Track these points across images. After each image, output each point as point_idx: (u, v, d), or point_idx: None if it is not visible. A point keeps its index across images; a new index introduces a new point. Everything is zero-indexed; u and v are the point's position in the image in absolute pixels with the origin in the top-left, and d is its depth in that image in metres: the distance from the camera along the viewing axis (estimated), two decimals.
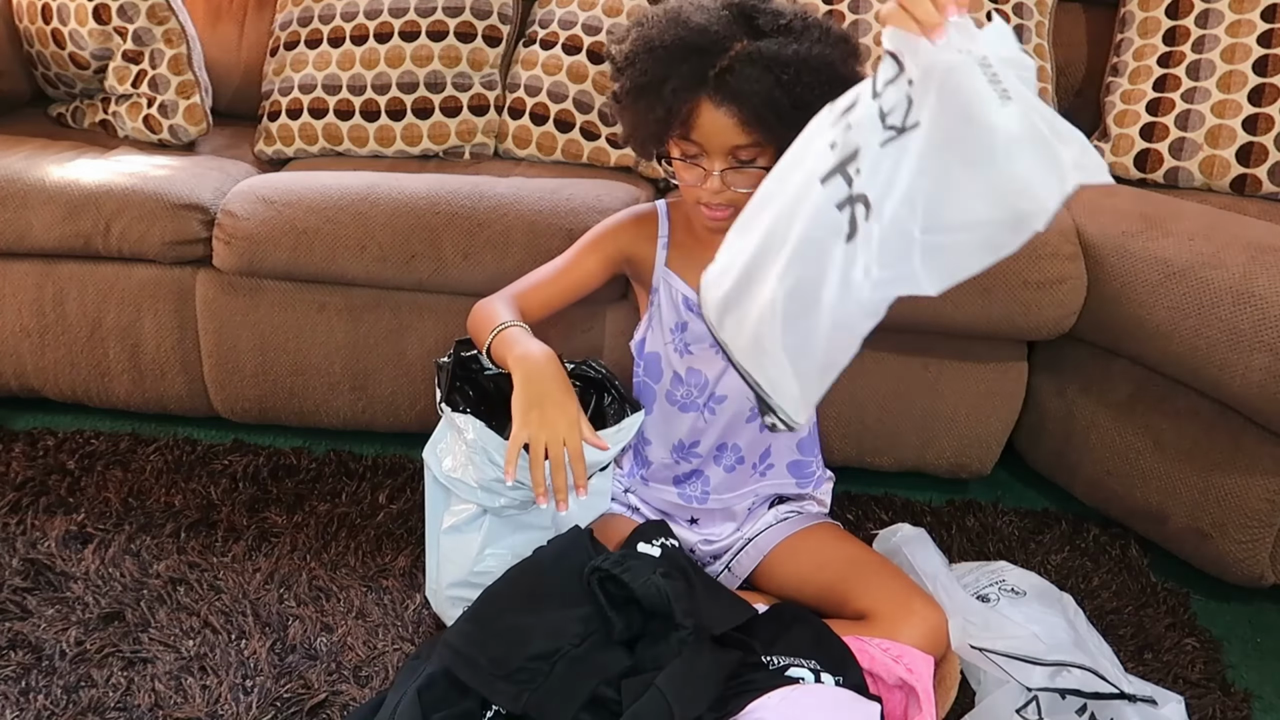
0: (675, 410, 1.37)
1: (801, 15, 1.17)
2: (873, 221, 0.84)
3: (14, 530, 1.54)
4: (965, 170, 0.80)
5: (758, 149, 1.16)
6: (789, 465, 1.41)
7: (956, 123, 0.80)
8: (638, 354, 1.39)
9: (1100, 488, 1.58)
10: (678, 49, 1.13)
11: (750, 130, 1.13)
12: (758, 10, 1.16)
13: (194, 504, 1.60)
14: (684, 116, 1.15)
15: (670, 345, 1.34)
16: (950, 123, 0.80)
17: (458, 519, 1.30)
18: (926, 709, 1.12)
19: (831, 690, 1.12)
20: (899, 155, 0.83)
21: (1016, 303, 1.47)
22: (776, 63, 1.10)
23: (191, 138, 1.89)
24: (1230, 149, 1.63)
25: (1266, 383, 1.32)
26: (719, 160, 1.17)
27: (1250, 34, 1.64)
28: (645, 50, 1.16)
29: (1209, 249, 1.41)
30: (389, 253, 1.57)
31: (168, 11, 1.84)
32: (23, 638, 1.34)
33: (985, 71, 0.78)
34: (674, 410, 1.37)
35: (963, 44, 0.80)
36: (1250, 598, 1.51)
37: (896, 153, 0.83)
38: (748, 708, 1.08)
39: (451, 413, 1.26)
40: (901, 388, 1.59)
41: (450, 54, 1.86)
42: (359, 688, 1.28)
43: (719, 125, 1.14)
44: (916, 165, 0.82)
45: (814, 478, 1.44)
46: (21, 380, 1.79)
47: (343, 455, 1.73)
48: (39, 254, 1.69)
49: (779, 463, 1.40)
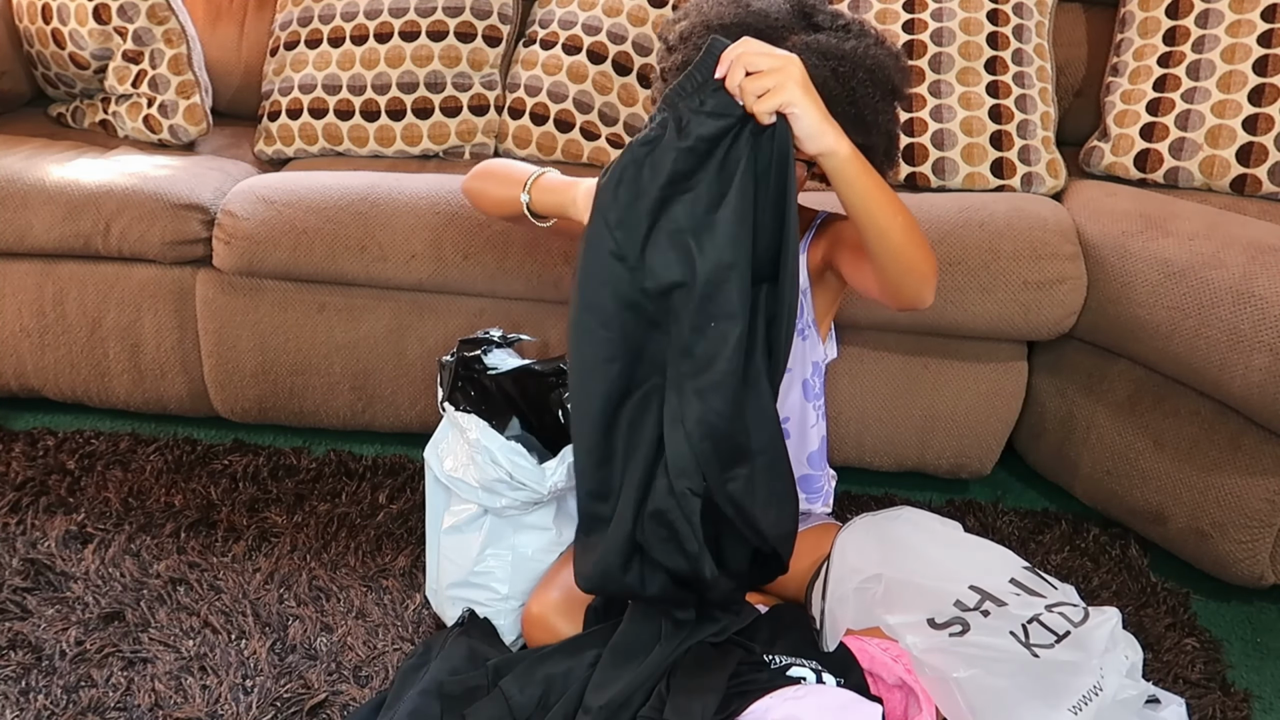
0: None
1: (859, 20, 1.19)
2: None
3: (14, 530, 1.54)
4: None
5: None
6: (800, 480, 1.39)
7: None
8: None
9: (1100, 488, 1.58)
10: (736, 30, 1.13)
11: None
12: (817, 9, 1.18)
13: (194, 504, 1.60)
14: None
15: None
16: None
17: (458, 519, 1.30)
18: (927, 709, 1.12)
19: (833, 691, 1.12)
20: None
21: (1016, 303, 1.47)
22: (833, 55, 1.11)
23: (191, 138, 1.89)
24: (1230, 149, 1.63)
25: (1266, 383, 1.32)
26: None
27: (1250, 34, 1.64)
28: (703, 28, 1.16)
29: (1209, 249, 1.41)
30: (389, 253, 1.57)
31: (168, 11, 1.84)
32: (23, 638, 1.34)
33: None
34: None
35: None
36: (1250, 598, 1.51)
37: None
38: (750, 708, 1.08)
39: (454, 412, 1.26)
40: (901, 388, 1.59)
41: (450, 54, 1.86)
42: (359, 688, 1.28)
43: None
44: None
45: (822, 492, 1.42)
46: (21, 380, 1.79)
47: (343, 455, 1.73)
48: (39, 254, 1.69)
49: None
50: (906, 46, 1.72)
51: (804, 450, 1.38)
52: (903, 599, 1.18)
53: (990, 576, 1.21)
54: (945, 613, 1.15)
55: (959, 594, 1.18)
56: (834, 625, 1.21)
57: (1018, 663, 1.09)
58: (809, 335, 1.32)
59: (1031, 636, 1.12)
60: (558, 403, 1.37)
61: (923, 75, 1.71)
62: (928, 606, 1.16)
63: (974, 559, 1.25)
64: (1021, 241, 1.47)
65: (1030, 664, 1.09)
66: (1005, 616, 1.14)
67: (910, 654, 1.13)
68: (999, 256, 1.46)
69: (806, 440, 1.37)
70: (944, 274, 1.47)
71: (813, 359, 1.33)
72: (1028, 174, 1.68)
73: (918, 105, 1.70)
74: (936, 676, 1.11)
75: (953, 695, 1.09)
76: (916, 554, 1.25)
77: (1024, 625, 1.13)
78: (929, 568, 1.23)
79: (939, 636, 1.13)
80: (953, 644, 1.11)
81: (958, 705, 1.09)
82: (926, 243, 1.09)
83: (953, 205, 1.54)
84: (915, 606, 1.17)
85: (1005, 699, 1.07)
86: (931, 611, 1.16)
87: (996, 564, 1.24)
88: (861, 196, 1.04)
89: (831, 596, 1.22)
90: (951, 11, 1.74)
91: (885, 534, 1.28)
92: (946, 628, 1.14)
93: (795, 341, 1.31)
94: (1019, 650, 1.10)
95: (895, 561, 1.23)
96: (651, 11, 1.82)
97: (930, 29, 1.73)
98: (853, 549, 1.25)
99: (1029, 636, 1.12)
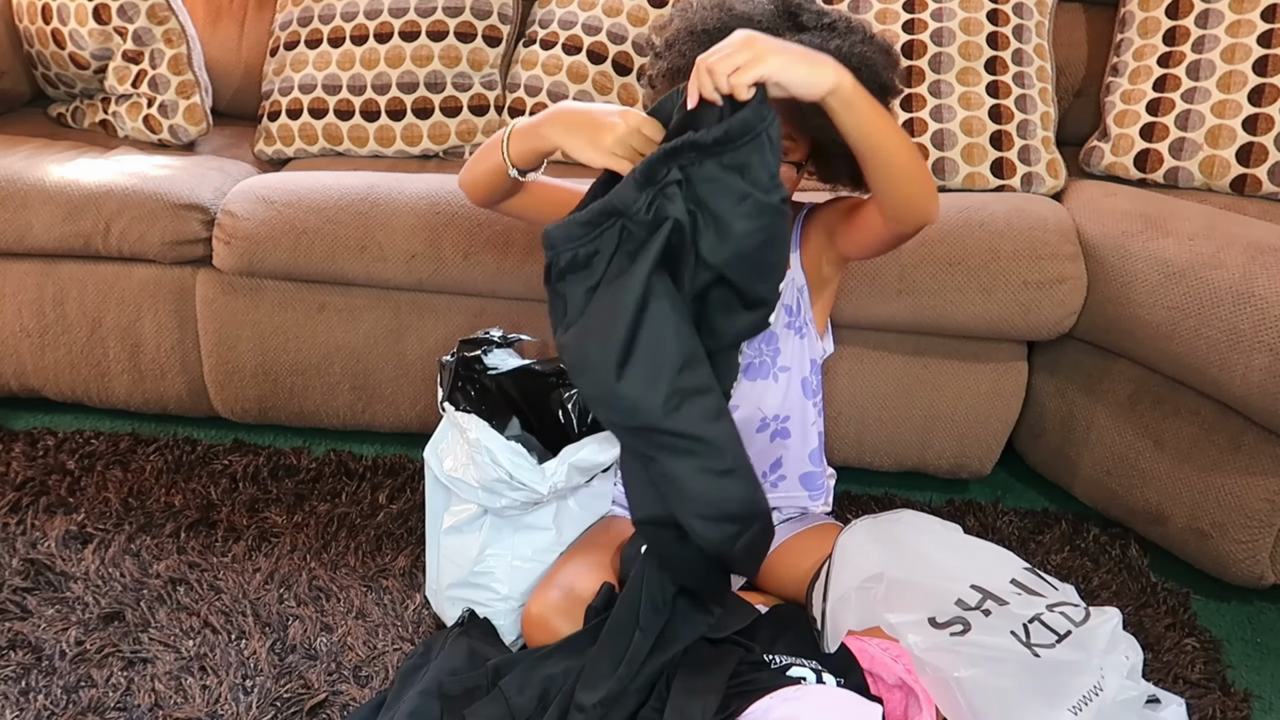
0: None
1: (845, 17, 1.18)
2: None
3: (14, 530, 1.54)
4: None
5: (790, 142, 1.16)
6: (801, 477, 1.40)
7: None
8: None
9: (1100, 488, 1.58)
10: (720, 35, 1.12)
11: (784, 121, 1.13)
12: (802, 7, 1.17)
13: (194, 504, 1.60)
14: None
15: None
16: None
17: (458, 519, 1.30)
18: (927, 709, 1.12)
19: (834, 691, 1.12)
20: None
21: (1016, 303, 1.47)
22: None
23: (191, 138, 1.89)
24: (1230, 149, 1.63)
25: (1266, 383, 1.32)
26: None
27: (1250, 34, 1.64)
28: (687, 34, 1.17)
29: (1209, 249, 1.41)
30: (389, 253, 1.57)
31: (168, 11, 1.84)
32: (23, 638, 1.34)
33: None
34: None
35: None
36: (1250, 598, 1.51)
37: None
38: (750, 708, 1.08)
39: (454, 412, 1.26)
40: (901, 388, 1.59)
41: (450, 54, 1.86)
42: (359, 688, 1.28)
43: None
44: None
45: (823, 489, 1.42)
46: (21, 380, 1.79)
47: (343, 455, 1.73)
48: (39, 254, 1.69)
49: (791, 474, 1.39)
50: (906, 46, 1.72)
51: (805, 448, 1.38)
52: (904, 598, 1.18)
53: (991, 576, 1.21)
54: (947, 612, 1.15)
55: (960, 593, 1.18)
56: (835, 626, 1.21)
57: (1019, 662, 1.09)
58: (806, 332, 1.32)
59: (1032, 636, 1.12)
60: (558, 403, 1.37)
61: (922, 75, 1.71)
62: (929, 606, 1.16)
63: (975, 559, 1.25)
64: (1021, 241, 1.47)
65: (1031, 664, 1.09)
66: (1006, 616, 1.14)
67: (911, 653, 1.13)
68: (999, 256, 1.47)
69: (808, 438, 1.37)
70: (944, 274, 1.47)
71: (810, 356, 1.33)
72: (1028, 174, 1.68)
73: (918, 105, 1.70)
74: (938, 676, 1.11)
75: (953, 695, 1.09)
76: (918, 554, 1.25)
77: (1025, 625, 1.13)
78: (930, 567, 1.23)
79: (940, 636, 1.13)
80: (954, 643, 1.11)
81: (958, 705, 1.09)
82: (924, 162, 1.10)
83: (953, 205, 1.53)
84: (917, 605, 1.17)
85: (1006, 699, 1.07)
86: (933, 610, 1.16)
87: (997, 564, 1.24)
88: (871, 126, 1.03)
89: (833, 597, 1.22)
90: (951, 11, 1.74)
91: (886, 535, 1.28)
92: (948, 627, 1.14)
93: (793, 339, 1.32)
94: (1020, 650, 1.10)
95: (897, 561, 1.23)
96: (651, 11, 1.83)
97: (930, 29, 1.73)
98: (854, 550, 1.25)
99: (1030, 636, 1.12)
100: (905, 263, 1.46)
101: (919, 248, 1.46)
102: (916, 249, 1.46)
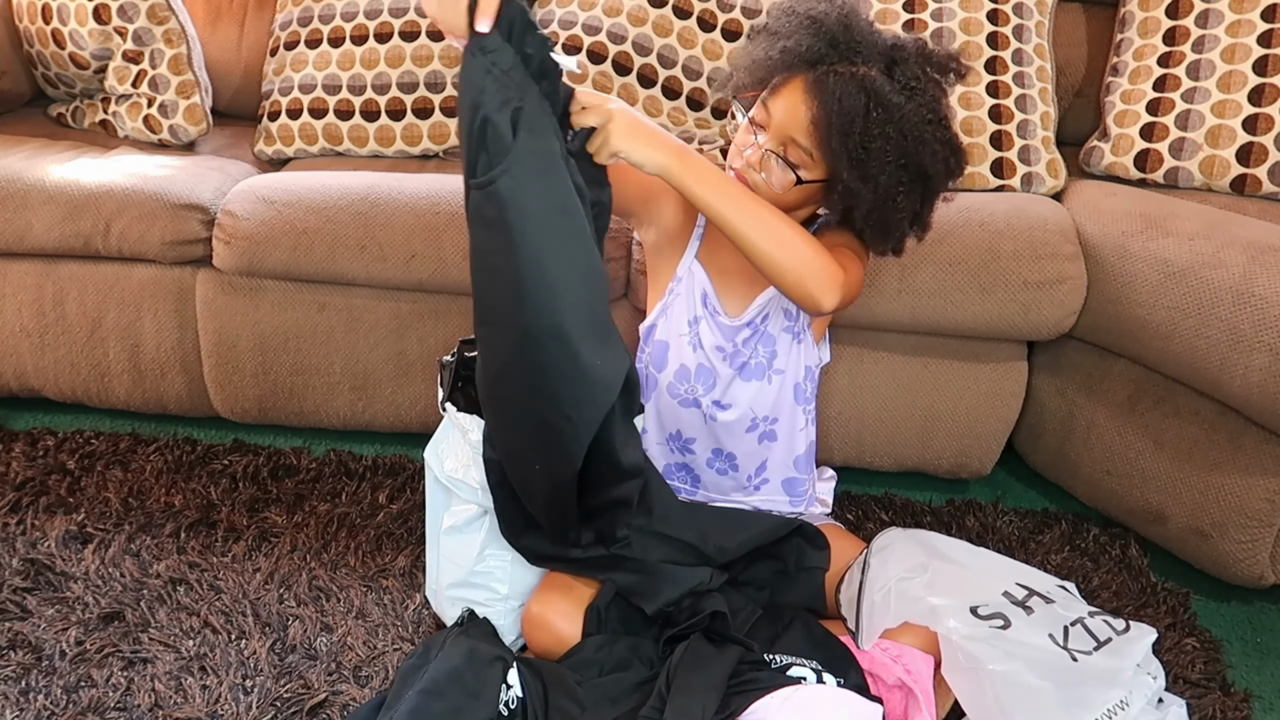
0: (675, 404, 1.37)
1: (936, 99, 1.19)
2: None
3: (14, 530, 1.54)
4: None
5: (808, 156, 1.18)
6: (784, 482, 1.41)
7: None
8: (644, 339, 1.38)
9: (1100, 488, 1.58)
10: (820, 30, 1.18)
11: (814, 132, 1.16)
12: (903, 66, 1.18)
13: (194, 504, 1.60)
14: (776, 81, 1.20)
15: (684, 339, 1.34)
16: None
17: (458, 519, 1.30)
18: (927, 709, 1.12)
19: (834, 691, 1.12)
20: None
21: (1016, 303, 1.47)
22: (878, 99, 1.13)
23: (191, 138, 1.89)
24: (1230, 149, 1.63)
25: (1266, 383, 1.32)
26: (773, 141, 1.20)
27: (1250, 34, 1.64)
28: (798, 13, 1.21)
29: (1209, 249, 1.41)
30: (389, 253, 1.57)
31: (168, 11, 1.84)
32: (23, 638, 1.34)
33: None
34: (674, 404, 1.37)
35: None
36: (1250, 598, 1.51)
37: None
38: (750, 708, 1.08)
39: (455, 412, 1.26)
40: (901, 388, 1.59)
41: (450, 54, 1.86)
42: (359, 688, 1.28)
43: (792, 109, 1.17)
44: None
45: (806, 496, 1.43)
46: (21, 380, 1.79)
47: (343, 455, 1.73)
48: (39, 254, 1.69)
49: (774, 478, 1.40)
50: None
51: (791, 454, 1.38)
52: (949, 584, 1.20)
53: (1035, 577, 1.24)
54: (990, 604, 1.17)
55: (1006, 587, 1.19)
56: (872, 623, 1.21)
57: (1054, 664, 1.09)
58: (804, 338, 1.32)
59: (1071, 640, 1.12)
60: None
61: None
62: (973, 595, 1.18)
63: (1016, 565, 1.28)
64: (1021, 241, 1.47)
65: (1066, 667, 1.09)
66: (1050, 615, 1.15)
67: (948, 639, 1.13)
68: (999, 256, 1.47)
69: (794, 444, 1.37)
70: (944, 274, 1.47)
71: (806, 362, 1.34)
72: (1028, 174, 1.68)
73: None
74: (971, 665, 1.10)
75: (981, 686, 1.08)
76: (963, 549, 1.28)
77: (1066, 627, 1.14)
78: (978, 559, 1.26)
79: (980, 626, 1.13)
80: (993, 635, 1.12)
81: (985, 697, 1.09)
82: (804, 246, 1.13)
83: (953, 205, 1.53)
84: (961, 592, 1.18)
85: (1037, 699, 1.07)
86: (976, 600, 1.17)
87: (1036, 574, 1.27)
88: (706, 206, 1.11)
89: (871, 592, 1.22)
90: (951, 11, 1.74)
91: (926, 539, 1.31)
92: (989, 620, 1.14)
93: (790, 344, 1.32)
94: (1058, 651, 1.10)
95: (943, 554, 1.26)
96: (652, 12, 1.82)
97: (930, 29, 1.73)
98: (897, 547, 1.27)
99: (1069, 639, 1.12)
100: (905, 263, 1.46)
101: (919, 247, 1.45)
102: (916, 249, 1.45)
